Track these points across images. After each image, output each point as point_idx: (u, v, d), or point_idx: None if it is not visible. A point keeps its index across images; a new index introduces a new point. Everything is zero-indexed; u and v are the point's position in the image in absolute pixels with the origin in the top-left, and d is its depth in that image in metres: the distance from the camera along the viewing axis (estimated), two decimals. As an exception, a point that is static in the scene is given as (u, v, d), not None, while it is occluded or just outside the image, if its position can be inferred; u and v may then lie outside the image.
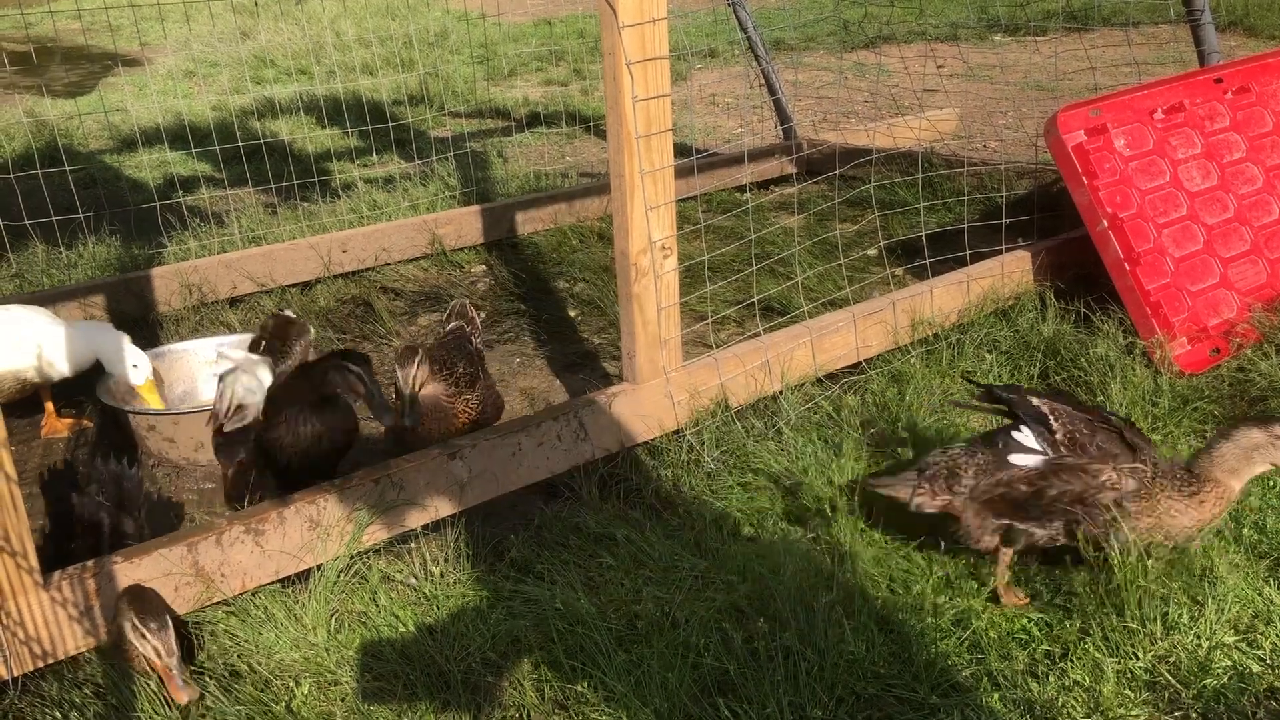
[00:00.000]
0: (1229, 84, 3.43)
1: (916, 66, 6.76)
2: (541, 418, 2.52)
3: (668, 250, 2.55)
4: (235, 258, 3.89)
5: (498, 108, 7.22)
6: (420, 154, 5.45)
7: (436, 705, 1.90)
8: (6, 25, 9.14)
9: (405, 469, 2.31)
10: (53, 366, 2.93)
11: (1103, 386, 2.76)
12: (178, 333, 3.62)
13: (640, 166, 2.44)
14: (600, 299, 3.79)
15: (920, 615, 2.04)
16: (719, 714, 1.82)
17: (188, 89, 8.10)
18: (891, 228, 4.19)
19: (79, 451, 3.01)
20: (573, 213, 4.59)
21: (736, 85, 7.56)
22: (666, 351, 2.63)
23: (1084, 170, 3.11)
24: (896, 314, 3.04)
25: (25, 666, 1.95)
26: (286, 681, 1.98)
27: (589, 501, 2.49)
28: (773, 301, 3.54)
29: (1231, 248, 3.20)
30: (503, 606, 2.14)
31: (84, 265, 4.22)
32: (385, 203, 4.74)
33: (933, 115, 5.46)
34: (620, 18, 2.31)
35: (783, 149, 5.16)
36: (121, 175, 5.87)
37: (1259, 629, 1.96)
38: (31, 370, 2.91)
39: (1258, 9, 8.17)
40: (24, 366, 2.89)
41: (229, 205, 5.05)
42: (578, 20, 10.29)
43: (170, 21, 10.36)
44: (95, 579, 1.99)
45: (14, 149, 6.20)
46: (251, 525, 2.14)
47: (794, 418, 2.73)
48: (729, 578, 2.15)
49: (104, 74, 9.22)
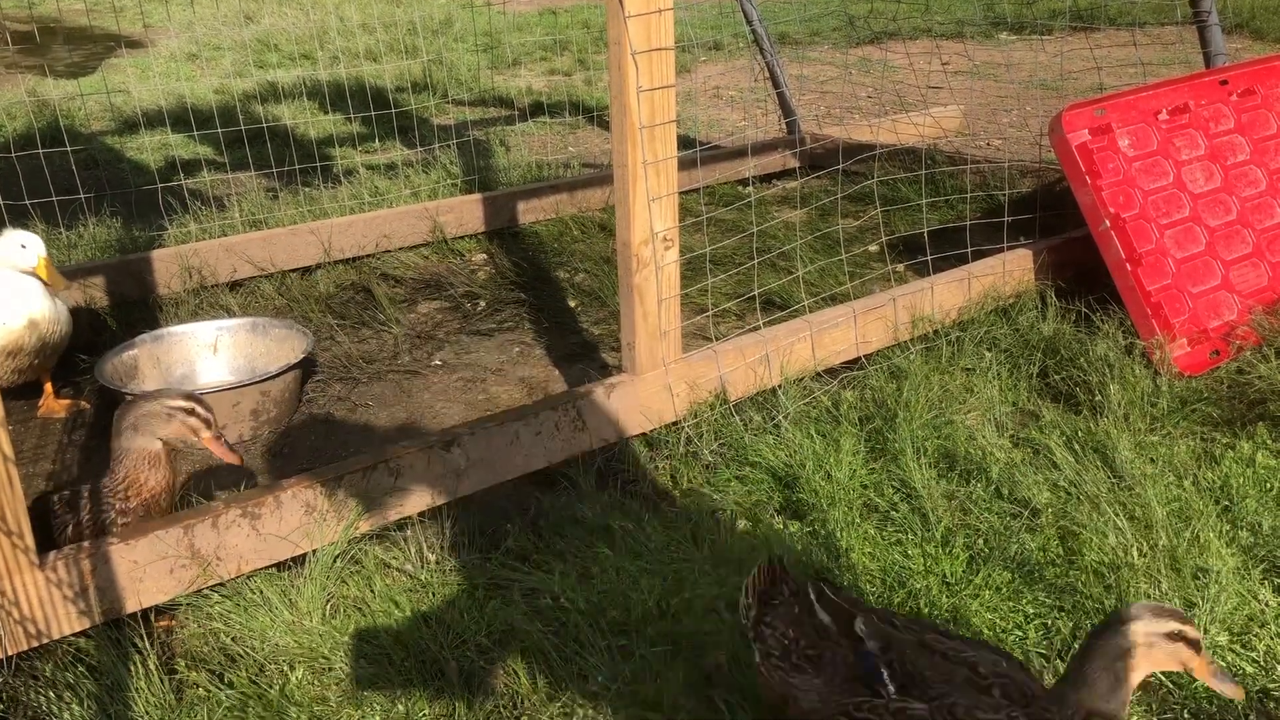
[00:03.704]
0: (1234, 86, 3.43)
1: (921, 63, 6.76)
2: (540, 407, 2.52)
3: (669, 242, 2.55)
4: (236, 241, 3.89)
5: (501, 96, 7.20)
6: (423, 141, 5.44)
7: (430, 692, 1.90)
8: (10, 4, 9.11)
9: (402, 455, 2.31)
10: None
11: (1101, 386, 2.76)
12: (177, 315, 3.61)
13: (644, 157, 2.44)
14: (600, 290, 3.79)
15: (916, 612, 2.04)
16: (712, 705, 1.82)
17: (190, 71, 8.08)
18: (893, 224, 4.19)
19: (76, 433, 3.01)
20: (574, 203, 4.58)
21: (741, 78, 7.55)
22: (666, 343, 2.63)
23: (1088, 170, 3.11)
24: (897, 310, 3.04)
25: (20, 645, 1.95)
26: (281, 666, 1.98)
27: (586, 492, 2.49)
28: (773, 295, 3.54)
29: (1233, 250, 3.20)
30: (498, 595, 2.15)
31: (84, 246, 4.21)
32: (387, 189, 4.73)
33: (937, 112, 5.45)
34: (626, 8, 2.31)
35: (786, 143, 5.15)
36: (123, 157, 5.85)
37: (1253, 631, 1.96)
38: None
39: (1264, 12, 8.17)
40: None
41: (230, 189, 5.04)
42: (582, 10, 10.27)
43: (174, 4, 10.32)
44: (90, 560, 1.99)
45: (16, 129, 6.18)
46: (248, 509, 2.14)
47: (792, 411, 2.73)
48: (725, 570, 2.15)
49: (107, 55, 9.19)
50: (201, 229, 4.27)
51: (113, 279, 3.68)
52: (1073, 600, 2.05)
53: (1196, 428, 2.66)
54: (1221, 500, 2.34)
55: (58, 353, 3.04)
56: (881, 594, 2.10)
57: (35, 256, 2.90)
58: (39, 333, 2.91)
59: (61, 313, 3.02)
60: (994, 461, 2.49)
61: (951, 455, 2.55)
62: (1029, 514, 2.31)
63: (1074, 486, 2.38)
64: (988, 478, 2.45)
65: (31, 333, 2.88)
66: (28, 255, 2.89)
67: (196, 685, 1.96)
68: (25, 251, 2.89)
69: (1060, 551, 2.19)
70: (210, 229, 4.26)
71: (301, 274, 4.00)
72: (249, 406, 2.87)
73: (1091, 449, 2.53)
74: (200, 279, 3.79)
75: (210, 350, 3.24)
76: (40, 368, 3.01)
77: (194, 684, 1.97)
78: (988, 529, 2.27)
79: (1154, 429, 2.64)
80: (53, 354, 3.02)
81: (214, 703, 1.91)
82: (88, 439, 2.96)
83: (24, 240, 2.89)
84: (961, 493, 2.41)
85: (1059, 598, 2.07)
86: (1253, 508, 2.29)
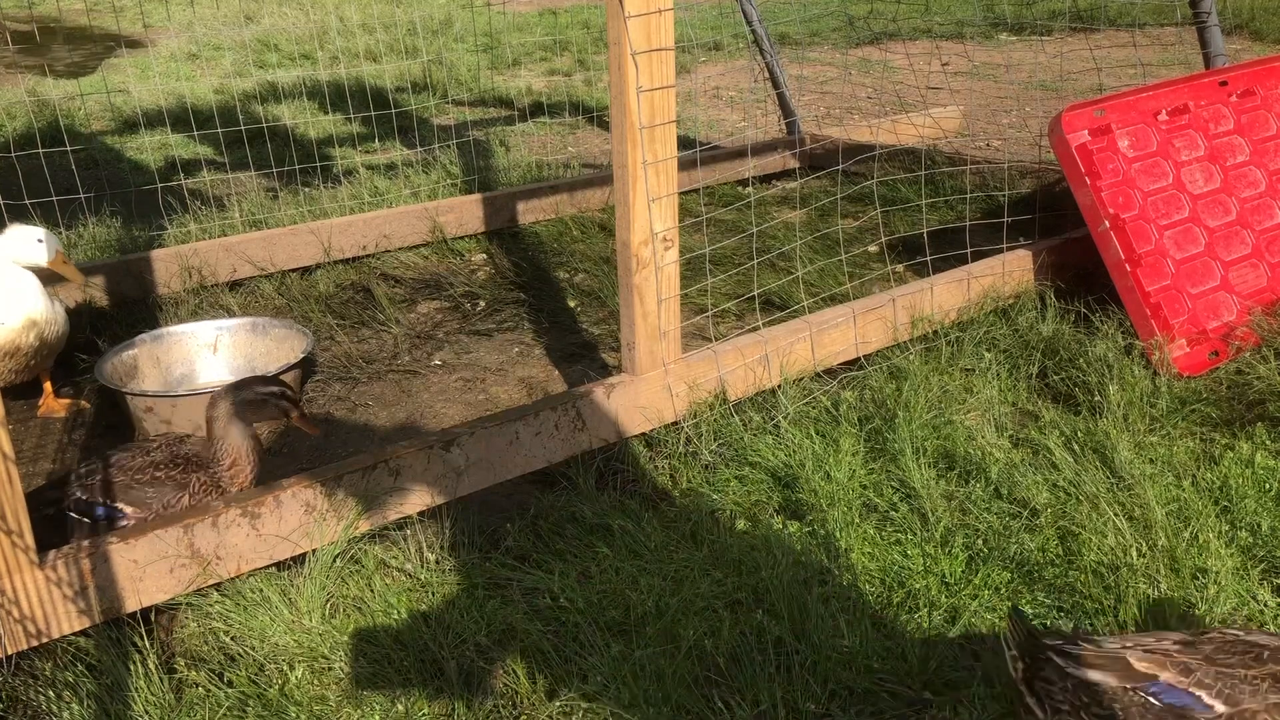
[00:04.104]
0: (1234, 87, 3.43)
1: (921, 64, 6.76)
2: (540, 407, 2.52)
3: (669, 242, 2.55)
4: (235, 241, 3.89)
5: (501, 96, 7.20)
6: (422, 141, 5.44)
7: (430, 691, 1.90)
8: (10, 4, 9.12)
9: (402, 455, 2.31)
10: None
11: (1101, 387, 2.76)
12: (177, 315, 3.61)
13: (643, 157, 2.44)
14: (600, 290, 3.79)
15: (915, 611, 2.05)
16: (711, 705, 1.83)
17: (190, 71, 8.08)
18: (893, 224, 4.19)
19: (76, 432, 3.01)
20: (574, 203, 4.58)
21: (740, 79, 7.55)
22: (666, 343, 2.63)
23: (1087, 170, 3.11)
24: (896, 310, 3.04)
25: (19, 645, 1.95)
26: (280, 665, 1.98)
27: (586, 491, 2.49)
28: (773, 296, 3.54)
29: (1233, 251, 3.20)
30: (498, 594, 2.15)
31: (84, 246, 4.21)
32: (387, 189, 4.74)
33: (937, 113, 5.45)
34: (627, 8, 2.31)
35: (786, 143, 5.16)
36: (123, 157, 5.85)
37: (1252, 631, 1.96)
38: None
39: (1264, 13, 8.17)
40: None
41: (230, 189, 5.04)
42: (582, 10, 10.28)
43: (174, 4, 10.33)
44: (90, 559, 1.99)
45: (16, 128, 6.18)
46: (248, 509, 2.14)
47: (792, 412, 2.73)
48: (724, 570, 2.15)
49: (107, 55, 9.19)
50: (201, 229, 4.28)
51: (113, 278, 3.68)
52: (1072, 600, 2.05)
53: (1196, 428, 2.66)
54: (1220, 501, 2.34)
55: (55, 353, 3.03)
56: (881, 594, 2.10)
57: (53, 250, 2.90)
58: (38, 332, 2.90)
59: (59, 312, 3.01)
60: (993, 462, 2.50)
61: (951, 455, 2.55)
62: (1028, 514, 2.31)
63: (1073, 487, 2.39)
64: (987, 478, 2.45)
65: (29, 332, 2.88)
66: (44, 250, 2.89)
67: (196, 684, 1.96)
68: (41, 246, 2.89)
69: (1059, 552, 2.20)
70: (210, 229, 4.27)
71: (301, 274, 4.00)
72: (249, 406, 2.87)
73: (1091, 449, 2.53)
74: (200, 279, 3.79)
75: (210, 350, 3.24)
76: (38, 367, 3.01)
77: (193, 683, 1.97)
78: (987, 529, 2.27)
79: (1153, 429, 2.64)
80: (50, 354, 3.01)
81: (214, 702, 1.91)
82: (88, 438, 2.96)
83: (40, 235, 2.89)
84: (961, 493, 2.41)
85: (1058, 598, 2.07)
86: (1252, 508, 2.29)
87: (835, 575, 2.14)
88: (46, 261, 2.90)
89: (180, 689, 1.96)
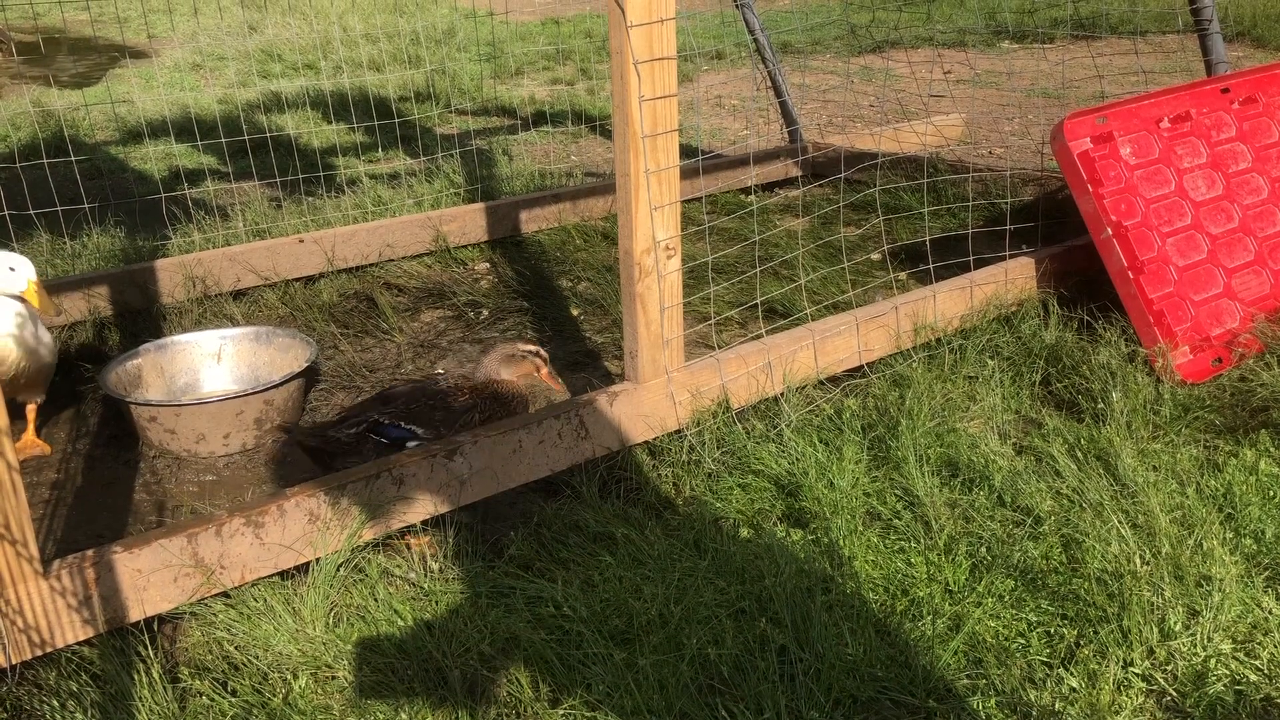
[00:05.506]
0: (1236, 94, 3.43)
1: (923, 72, 6.77)
2: (543, 415, 2.52)
3: (672, 250, 2.55)
4: (239, 251, 3.90)
5: (504, 106, 7.22)
6: (425, 151, 5.45)
7: (433, 700, 1.90)
8: (15, 15, 9.15)
9: (405, 464, 2.31)
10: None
11: (1104, 394, 2.76)
12: (181, 325, 3.62)
13: (646, 166, 2.44)
14: (603, 298, 3.80)
15: (918, 620, 2.04)
16: (715, 714, 1.82)
17: (194, 82, 8.11)
18: (896, 232, 4.19)
19: (79, 442, 3.01)
20: (577, 212, 4.59)
21: (743, 87, 7.57)
22: (669, 351, 2.63)
23: (1089, 178, 3.11)
24: (899, 318, 3.04)
25: (24, 654, 1.95)
26: (284, 674, 1.98)
27: (589, 500, 2.49)
28: (775, 304, 3.54)
29: (1235, 258, 3.20)
30: (501, 603, 2.15)
31: (88, 256, 4.22)
32: (390, 199, 4.75)
33: (939, 121, 5.46)
34: (629, 17, 2.32)
35: (788, 152, 5.16)
36: (127, 167, 5.87)
37: (1257, 639, 1.96)
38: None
39: (1265, 20, 8.18)
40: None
41: (234, 199, 5.05)
42: (585, 20, 10.31)
43: (178, 14, 10.37)
44: (94, 568, 2.00)
45: (20, 139, 6.20)
46: (251, 518, 2.14)
47: (795, 420, 2.73)
48: (727, 578, 2.15)
49: (111, 65, 9.23)
50: (205, 238, 4.29)
51: (117, 288, 3.69)
52: (1076, 608, 2.05)
53: (1199, 435, 2.66)
54: (1224, 508, 2.33)
55: (36, 383, 2.87)
56: (885, 602, 2.10)
57: (25, 280, 2.70)
58: (11, 362, 2.73)
59: (41, 341, 2.83)
60: (997, 469, 2.50)
61: (954, 463, 2.55)
62: (1032, 522, 2.31)
63: (1077, 494, 2.38)
64: (990, 486, 2.45)
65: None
66: (16, 279, 2.71)
67: (200, 694, 1.96)
68: (14, 275, 2.70)
69: (1063, 559, 2.19)
70: (214, 238, 4.28)
71: (305, 283, 4.01)
72: (253, 415, 2.88)
73: (1094, 457, 2.53)
74: (204, 288, 3.80)
75: (214, 359, 3.25)
76: (15, 392, 2.83)
77: (197, 692, 1.97)
78: (990, 537, 2.27)
79: (1156, 437, 2.64)
80: (30, 384, 2.85)
81: (217, 711, 1.91)
82: (91, 448, 2.96)
83: (13, 263, 2.70)
84: (964, 501, 2.41)
85: (1062, 606, 2.07)
86: (1256, 515, 2.29)
87: (839, 583, 2.14)
88: (19, 290, 2.72)
89: (184, 698, 1.96)
